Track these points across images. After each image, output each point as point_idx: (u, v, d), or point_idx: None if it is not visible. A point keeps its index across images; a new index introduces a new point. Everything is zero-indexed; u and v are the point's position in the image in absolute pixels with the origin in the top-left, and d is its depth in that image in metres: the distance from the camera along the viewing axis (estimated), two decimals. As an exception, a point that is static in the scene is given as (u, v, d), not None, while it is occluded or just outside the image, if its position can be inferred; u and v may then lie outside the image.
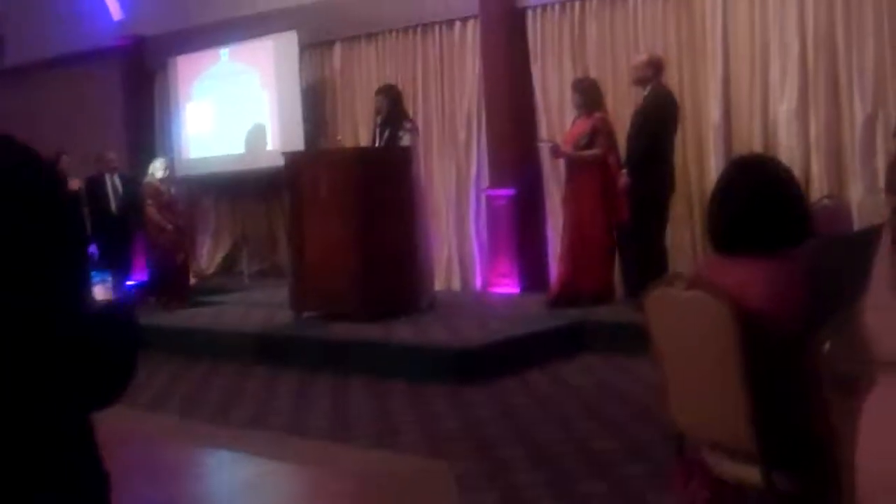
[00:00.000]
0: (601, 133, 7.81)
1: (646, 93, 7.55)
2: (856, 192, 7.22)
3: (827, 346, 2.20)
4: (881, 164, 7.25)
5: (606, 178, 7.76)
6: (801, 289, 2.61)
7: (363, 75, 10.74)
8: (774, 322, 2.62)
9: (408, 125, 8.32)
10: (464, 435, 5.37)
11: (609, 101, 8.55)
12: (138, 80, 12.94)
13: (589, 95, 7.93)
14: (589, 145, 7.81)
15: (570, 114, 8.91)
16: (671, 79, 8.09)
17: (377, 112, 8.50)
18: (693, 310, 2.75)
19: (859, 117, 7.35)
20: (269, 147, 11.12)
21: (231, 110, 11.70)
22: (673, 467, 3.10)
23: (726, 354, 2.67)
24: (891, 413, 0.46)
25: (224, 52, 11.79)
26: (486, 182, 9.44)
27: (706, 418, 2.85)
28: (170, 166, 10.95)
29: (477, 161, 9.62)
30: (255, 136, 11.40)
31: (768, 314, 2.63)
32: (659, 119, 7.39)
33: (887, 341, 0.52)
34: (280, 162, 8.80)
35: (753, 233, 2.71)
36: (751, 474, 2.69)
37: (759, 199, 2.71)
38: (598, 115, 7.89)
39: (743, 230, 2.72)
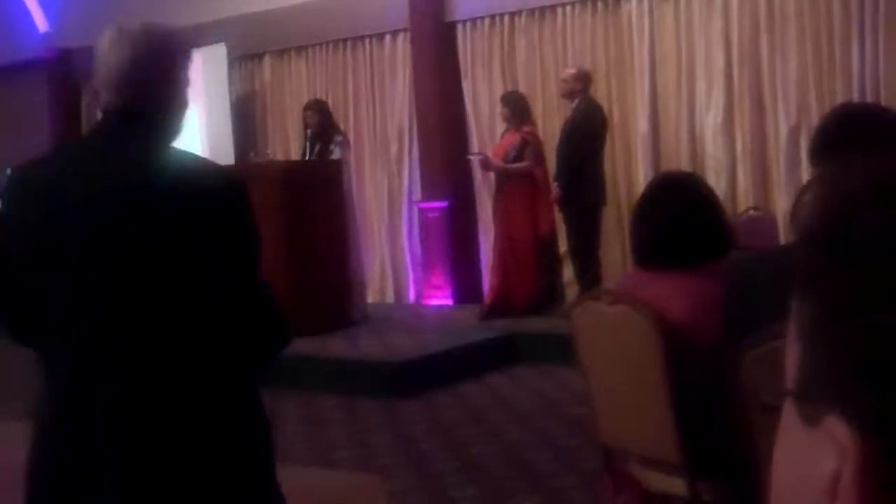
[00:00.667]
0: (529, 146, 7.89)
1: (573, 105, 7.63)
2: (781, 204, 7.36)
3: (749, 366, 2.24)
4: (806, 175, 7.39)
5: (534, 191, 7.87)
6: (720, 303, 2.65)
7: (294, 88, 10.68)
8: (695, 335, 2.65)
9: (339, 139, 8.30)
10: (397, 449, 5.36)
11: (539, 115, 8.64)
12: (65, 92, 12.74)
13: (517, 109, 8.00)
14: (518, 158, 7.89)
15: (500, 127, 8.96)
16: (600, 92, 8.18)
17: (306, 126, 8.46)
18: (618, 324, 2.78)
19: (783, 129, 7.51)
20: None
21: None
22: (601, 480, 3.13)
23: (650, 368, 2.71)
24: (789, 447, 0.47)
25: (152, 65, 11.64)
26: (418, 195, 9.45)
27: (632, 431, 2.88)
28: None
29: (409, 174, 9.62)
30: (184, 147, 11.25)
31: (689, 328, 2.67)
32: (587, 131, 7.48)
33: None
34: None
35: (674, 247, 2.75)
36: (677, 486, 2.73)
37: (680, 215, 2.75)
38: (526, 128, 7.97)
39: (664, 245, 2.76)
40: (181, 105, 2.15)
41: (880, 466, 0.43)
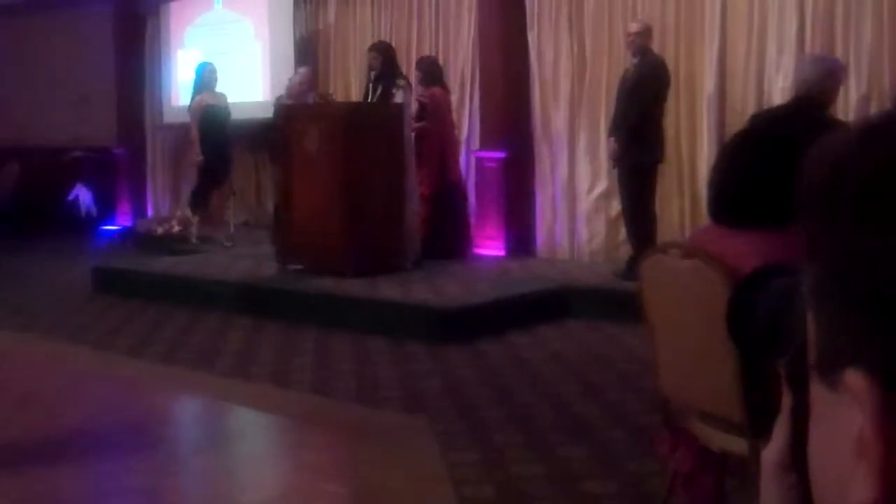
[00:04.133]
0: (427, 107, 8.51)
1: (636, 61, 7.53)
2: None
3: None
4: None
5: (433, 147, 8.55)
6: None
7: (357, 30, 10.66)
8: (768, 295, 2.62)
9: (401, 82, 8.28)
10: (444, 394, 5.39)
11: (604, 69, 8.57)
12: (130, 23, 12.81)
13: (427, 73, 8.68)
14: (419, 118, 8.48)
15: (565, 82, 8.90)
16: (668, 49, 8.06)
17: (370, 68, 8.45)
18: (689, 279, 2.76)
19: (853, 97, 7.36)
20: (261, 98, 11.03)
21: (223, 59, 11.58)
22: (659, 435, 3.12)
23: (719, 326, 2.68)
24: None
25: (218, 1, 11.66)
26: (476, 143, 9.42)
27: (695, 387, 2.87)
28: None
29: (469, 123, 9.59)
30: (246, 87, 11.31)
31: (763, 287, 2.64)
32: (650, 88, 7.37)
33: None
34: (270, 113, 8.72)
35: (757, 206, 2.68)
36: (737, 444, 2.72)
37: (765, 172, 2.69)
38: (428, 90, 8.57)
39: (746, 203, 2.69)
40: None
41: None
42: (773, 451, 0.56)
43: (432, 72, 8.79)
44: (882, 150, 0.44)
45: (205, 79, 10.12)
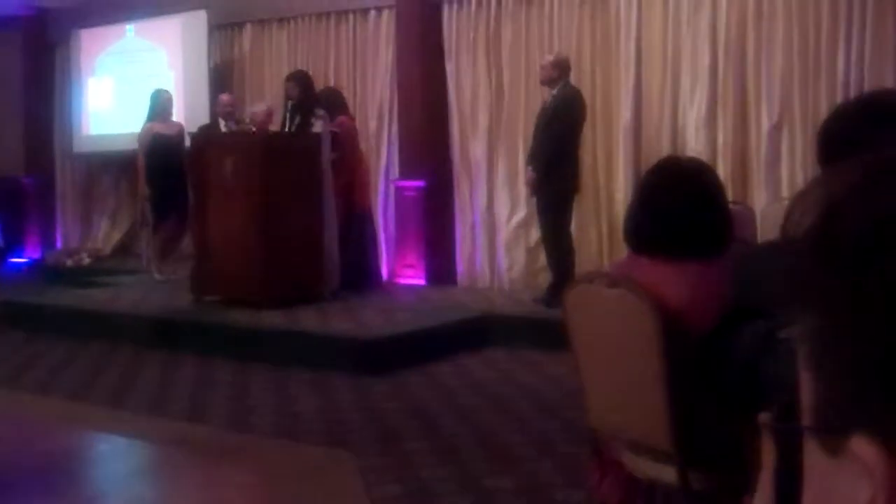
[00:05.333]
0: (338, 136, 8.39)
1: (553, 93, 7.59)
2: (760, 200, 7.38)
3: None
4: (785, 172, 7.43)
5: (346, 176, 8.44)
6: (720, 293, 2.61)
7: (273, 60, 10.57)
8: (693, 323, 2.62)
9: (320, 112, 8.21)
10: (368, 426, 5.31)
11: (522, 100, 8.64)
12: (39, 51, 12.52)
13: (330, 104, 8.50)
14: (333, 149, 8.29)
15: (483, 112, 8.93)
16: (584, 80, 8.16)
17: (287, 97, 8.37)
18: (615, 308, 2.74)
19: (766, 126, 7.53)
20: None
21: (135, 88, 11.37)
22: (587, 465, 3.10)
23: (645, 353, 2.67)
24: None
25: (130, 29, 11.47)
26: (395, 173, 9.39)
27: (623, 416, 2.85)
28: None
29: (387, 152, 9.56)
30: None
31: (687, 315, 2.64)
32: (566, 119, 7.44)
33: None
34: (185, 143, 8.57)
35: (679, 238, 2.69)
36: (665, 473, 2.70)
37: (688, 206, 2.69)
38: (337, 120, 8.43)
39: (669, 234, 2.70)
40: None
41: None
42: None
43: (335, 101, 8.63)
44: (884, 198, 0.40)
45: (157, 107, 9.63)
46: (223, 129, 9.25)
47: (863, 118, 2.39)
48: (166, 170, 9.24)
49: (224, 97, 9.70)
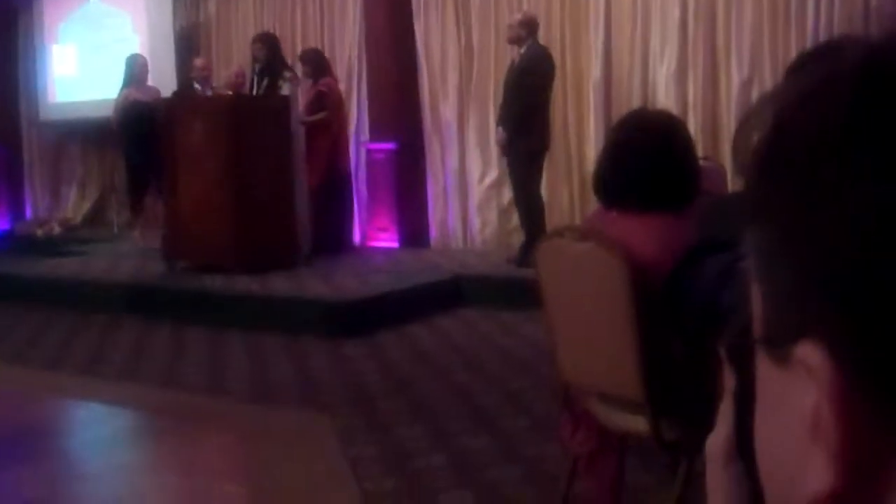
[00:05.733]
0: (326, 97, 8.41)
1: (521, 52, 7.56)
2: (730, 155, 7.40)
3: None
4: (755, 128, 7.45)
5: (331, 138, 8.48)
6: (689, 244, 2.63)
7: (239, 22, 10.47)
8: (663, 275, 2.64)
9: (288, 74, 8.16)
10: (343, 388, 5.33)
11: (491, 60, 8.61)
12: (1, 19, 12.32)
13: (315, 64, 8.55)
14: (318, 109, 8.34)
15: (453, 73, 8.89)
16: (553, 39, 8.13)
17: (255, 60, 8.30)
18: (585, 261, 2.76)
19: (736, 82, 7.54)
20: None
21: (100, 54, 11.25)
22: (559, 418, 3.12)
23: (615, 305, 2.69)
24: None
25: (93, -6, 11.32)
26: (365, 135, 9.34)
27: (594, 369, 2.87)
28: None
29: (357, 114, 9.51)
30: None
31: (657, 267, 2.65)
32: (534, 78, 7.41)
33: None
34: (152, 109, 8.49)
35: (648, 190, 2.71)
36: (637, 424, 2.73)
37: (657, 159, 2.71)
38: (323, 81, 8.45)
39: (637, 187, 2.71)
40: None
41: (857, 388, 0.39)
42: (718, 439, 0.53)
43: (319, 63, 8.65)
44: (833, 101, 0.41)
45: (134, 72, 9.46)
46: (199, 93, 9.14)
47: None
48: (143, 136, 9.10)
49: (198, 61, 9.57)
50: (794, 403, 0.41)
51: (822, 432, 0.39)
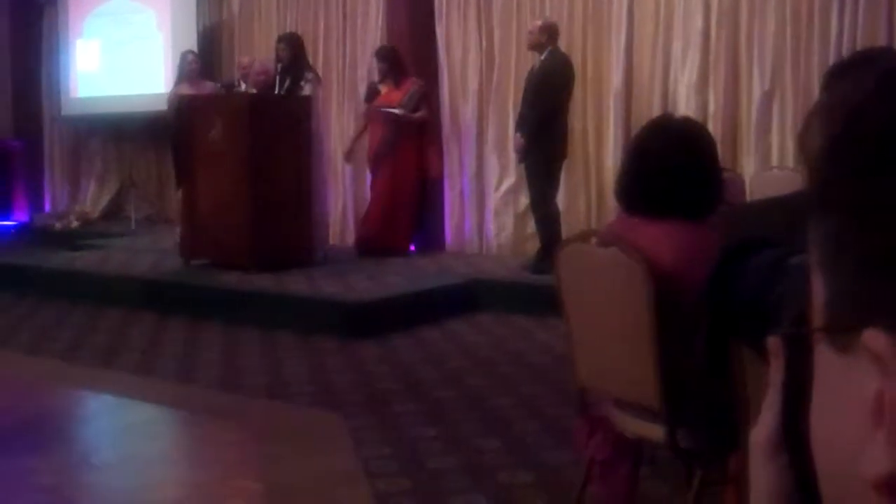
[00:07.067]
0: (426, 96, 8.44)
1: (541, 58, 7.57)
2: (749, 167, 7.40)
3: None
4: (776, 140, 7.44)
5: (427, 138, 8.53)
6: (711, 253, 2.63)
7: (262, 21, 10.51)
8: (684, 283, 2.64)
9: (309, 75, 8.18)
10: (356, 389, 5.33)
11: (512, 64, 8.61)
12: (27, 12, 12.40)
13: (395, 62, 8.44)
14: (416, 107, 8.34)
15: (473, 77, 8.90)
16: (575, 45, 8.14)
17: (278, 60, 8.32)
18: (607, 267, 2.76)
19: (757, 94, 7.52)
20: (162, 90, 10.78)
21: (123, 50, 11.31)
22: (575, 423, 3.12)
23: (636, 312, 2.69)
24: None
25: (118, -11, 11.38)
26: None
27: (612, 375, 2.87)
28: None
29: (377, 116, 9.51)
30: (148, 78, 11.05)
31: (679, 275, 2.65)
32: (554, 84, 7.42)
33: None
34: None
35: (671, 197, 2.71)
36: (654, 431, 2.73)
37: (681, 166, 2.71)
38: (415, 79, 8.44)
39: (661, 194, 2.71)
40: None
41: None
42: (763, 430, 0.52)
43: (399, 61, 8.49)
44: None
45: (184, 68, 9.36)
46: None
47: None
48: None
49: (244, 59, 9.40)
50: (855, 390, 0.42)
51: (885, 417, 0.40)
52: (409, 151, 8.39)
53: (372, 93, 8.64)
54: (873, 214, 0.41)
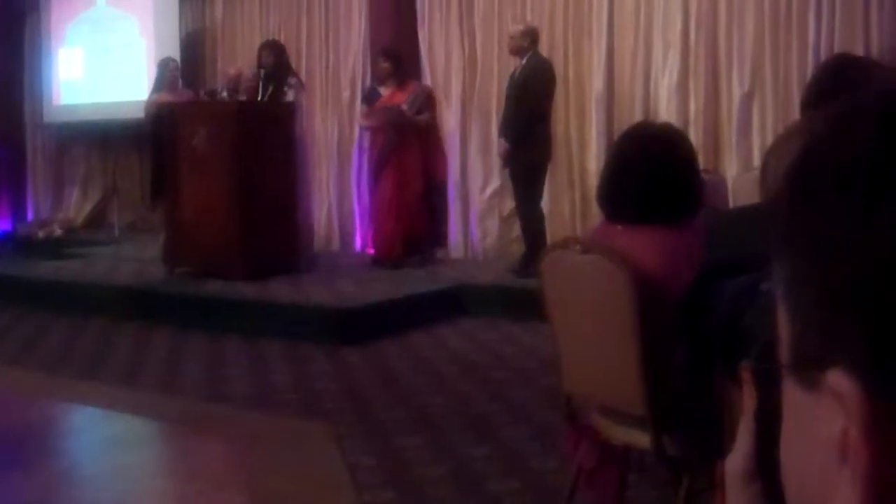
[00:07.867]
0: (431, 99, 8.30)
1: (522, 62, 7.57)
2: (731, 168, 7.42)
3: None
4: (756, 141, 7.47)
5: (433, 140, 8.31)
6: (694, 258, 2.63)
7: (244, 28, 10.49)
8: (667, 289, 2.64)
9: (293, 81, 8.17)
10: (342, 396, 5.32)
11: (495, 69, 8.62)
12: (8, 19, 12.33)
13: (398, 63, 8.23)
14: (420, 110, 8.14)
15: (456, 81, 8.89)
16: (556, 49, 8.15)
17: (261, 66, 8.30)
18: (590, 273, 2.76)
19: (737, 95, 7.56)
20: (145, 97, 10.74)
21: (106, 57, 11.27)
22: (562, 431, 3.12)
23: (620, 318, 2.69)
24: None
25: (100, -3, 11.35)
26: (367, 143, 9.34)
27: (597, 382, 2.87)
28: None
29: (360, 121, 9.51)
30: (131, 85, 11.00)
31: (662, 281, 2.65)
32: (536, 89, 7.42)
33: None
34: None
35: (652, 204, 2.71)
36: (639, 438, 2.73)
37: (660, 172, 2.71)
38: (418, 81, 8.39)
39: (642, 201, 2.72)
40: None
41: (885, 413, 0.39)
42: (737, 458, 0.52)
43: (403, 62, 8.34)
44: (859, 134, 0.41)
45: (165, 75, 9.21)
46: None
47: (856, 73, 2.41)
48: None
49: (232, 70, 9.31)
50: (821, 427, 0.42)
51: (850, 456, 0.40)
52: (414, 155, 8.14)
53: (372, 95, 8.42)
54: (828, 254, 0.41)
